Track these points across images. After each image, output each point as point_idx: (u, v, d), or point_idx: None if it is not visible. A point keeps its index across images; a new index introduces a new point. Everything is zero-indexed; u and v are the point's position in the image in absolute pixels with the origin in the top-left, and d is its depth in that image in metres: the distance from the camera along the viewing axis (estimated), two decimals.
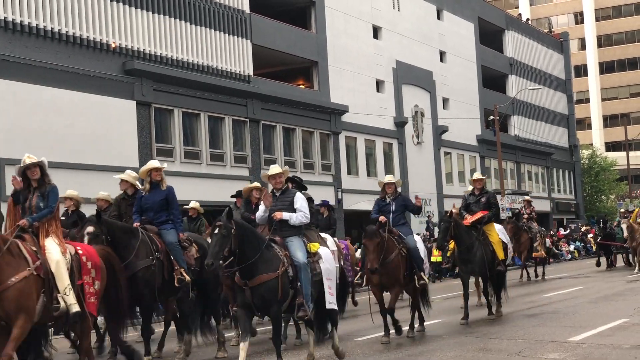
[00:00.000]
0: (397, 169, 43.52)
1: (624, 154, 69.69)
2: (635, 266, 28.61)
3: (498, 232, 16.26)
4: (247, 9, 34.30)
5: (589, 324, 14.16)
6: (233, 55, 33.37)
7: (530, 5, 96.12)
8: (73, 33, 26.83)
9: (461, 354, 11.61)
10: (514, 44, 58.95)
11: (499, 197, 47.79)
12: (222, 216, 10.11)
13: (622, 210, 37.51)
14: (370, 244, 12.81)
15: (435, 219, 44.14)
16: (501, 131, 49.29)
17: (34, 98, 25.04)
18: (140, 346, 11.87)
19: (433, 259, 29.40)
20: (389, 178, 14.34)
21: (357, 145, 40.84)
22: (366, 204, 35.66)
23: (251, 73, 34.21)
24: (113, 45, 28.13)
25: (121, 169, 26.94)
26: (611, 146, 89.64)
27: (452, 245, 16.10)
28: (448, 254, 17.43)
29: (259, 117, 34.13)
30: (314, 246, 11.18)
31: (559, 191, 63.67)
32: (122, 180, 13.45)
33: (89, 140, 26.43)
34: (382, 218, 13.61)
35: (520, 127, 57.36)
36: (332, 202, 37.07)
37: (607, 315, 15.60)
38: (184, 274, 12.05)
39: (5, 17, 24.80)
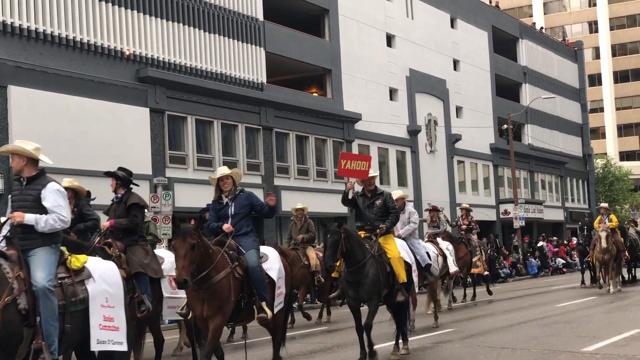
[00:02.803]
0: (410, 177, 43.48)
1: (638, 163, 69.56)
2: (608, 285, 24.97)
3: (399, 248, 12.74)
4: (260, 16, 34.37)
5: (602, 334, 14.07)
6: (247, 63, 33.43)
7: (545, 14, 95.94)
8: (87, 40, 26.95)
9: None
10: (528, 53, 58.83)
11: (510, 206, 47.87)
12: None
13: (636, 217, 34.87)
14: (180, 248, 9.22)
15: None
16: (515, 140, 49.17)
17: (48, 105, 25.13)
18: None
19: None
20: (221, 171, 10.79)
21: (370, 154, 40.72)
22: None
23: (265, 81, 34.25)
24: (127, 53, 28.23)
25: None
26: (625, 155, 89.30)
27: (339, 262, 12.08)
28: (334, 274, 13.02)
29: (272, 125, 34.16)
30: (77, 260, 8.04)
31: (572, 200, 63.41)
32: None
33: (103, 147, 26.49)
34: (226, 226, 10.35)
35: (533, 136, 57.19)
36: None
37: (621, 325, 15.50)
38: None
39: (20, 24, 24.93)
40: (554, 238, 50.47)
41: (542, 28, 70.64)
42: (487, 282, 27.29)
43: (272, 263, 10.66)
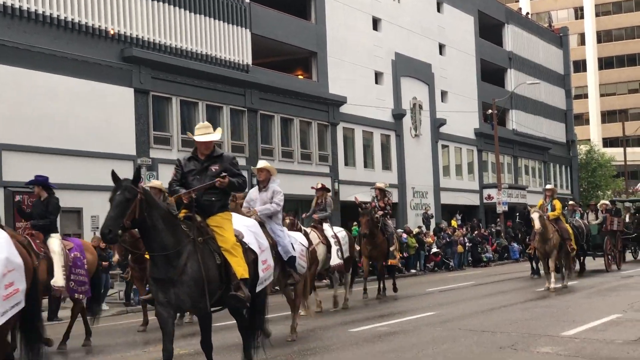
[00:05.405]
0: (395, 161, 43.55)
1: (621, 150, 69.84)
2: (550, 279, 20.83)
3: (239, 230, 9.41)
4: None
5: (582, 319, 14.21)
6: (232, 45, 33.33)
7: None
8: (72, 19, 26.77)
9: (454, 347, 11.65)
10: (514, 38, 58.90)
11: (493, 191, 48.03)
12: None
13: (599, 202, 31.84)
14: None
15: (432, 211, 44.24)
16: (499, 125, 49.32)
17: (31, 84, 24.98)
18: None
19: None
20: None
21: (355, 137, 40.82)
22: (363, 195, 35.68)
23: (250, 63, 34.17)
24: (112, 32, 28.08)
25: (119, 157, 27.32)
26: (609, 142, 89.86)
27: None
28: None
29: (257, 107, 34.12)
30: None
31: (555, 186, 63.52)
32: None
33: (87, 127, 26.41)
34: None
35: (518, 121, 57.37)
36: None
37: (600, 310, 15.65)
38: None
39: (4, 2, 24.70)
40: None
41: (527, 13, 70.75)
42: (394, 275, 22.58)
43: None
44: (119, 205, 8.09)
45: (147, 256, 8.76)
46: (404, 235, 32.75)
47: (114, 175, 8.27)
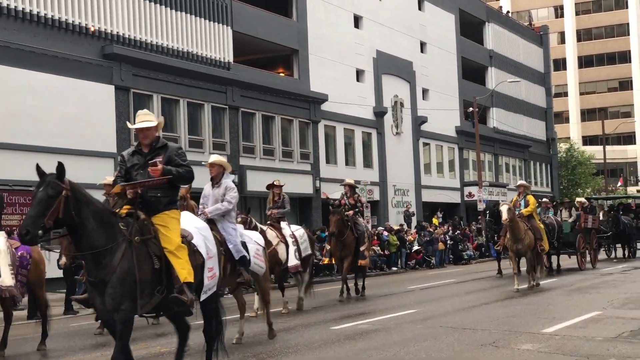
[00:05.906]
0: (376, 158, 43.60)
1: (601, 148, 70.31)
2: (515, 281, 20.45)
3: (189, 230, 8.78)
4: None
5: (562, 316, 14.28)
6: (213, 42, 33.24)
7: None
8: (52, 16, 26.61)
9: (435, 344, 11.67)
10: (494, 37, 59.12)
11: (474, 189, 48.16)
12: None
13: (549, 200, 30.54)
14: None
15: (413, 208, 44.32)
16: (480, 123, 49.45)
17: (11, 80, 24.81)
18: None
19: None
20: None
21: (336, 135, 40.83)
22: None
23: (231, 60, 34.09)
24: (92, 29, 27.93)
25: (99, 154, 27.16)
26: (588, 140, 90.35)
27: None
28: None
29: (239, 105, 34.06)
30: None
31: (535, 184, 63.99)
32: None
33: (67, 125, 26.26)
34: None
35: (498, 119, 57.59)
36: (310, 190, 37.18)
37: (580, 307, 15.73)
38: None
39: None
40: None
41: (508, 12, 71.03)
42: (364, 277, 21.31)
43: None
44: (40, 202, 7.39)
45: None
46: (385, 233, 32.84)
47: (38, 169, 7.66)
